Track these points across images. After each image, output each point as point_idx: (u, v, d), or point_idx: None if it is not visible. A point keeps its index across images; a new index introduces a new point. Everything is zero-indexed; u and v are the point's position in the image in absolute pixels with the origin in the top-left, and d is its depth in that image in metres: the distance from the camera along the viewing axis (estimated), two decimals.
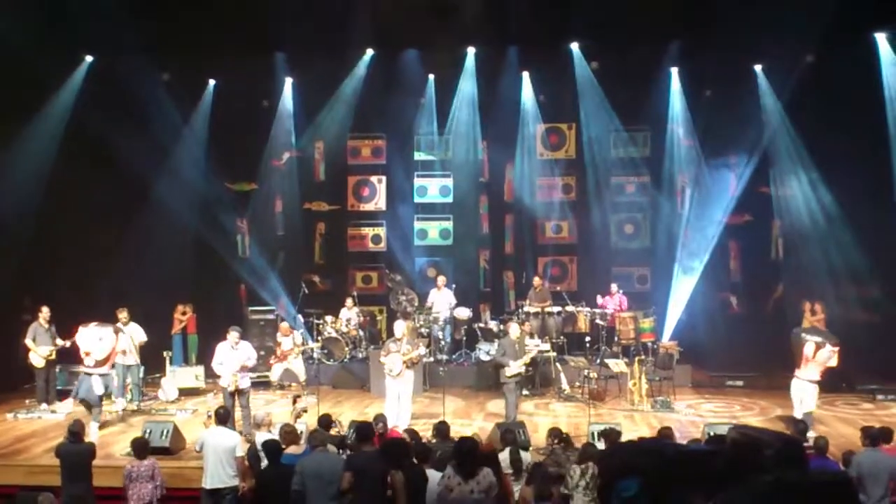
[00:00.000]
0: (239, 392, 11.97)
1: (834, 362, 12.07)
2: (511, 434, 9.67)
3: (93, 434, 11.87)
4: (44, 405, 14.06)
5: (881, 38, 16.17)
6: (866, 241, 16.11)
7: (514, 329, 13.28)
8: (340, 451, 8.97)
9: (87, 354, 12.67)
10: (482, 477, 7.16)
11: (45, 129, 16.27)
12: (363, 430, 8.71)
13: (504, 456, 8.91)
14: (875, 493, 8.35)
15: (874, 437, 8.86)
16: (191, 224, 17.67)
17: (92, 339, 12.73)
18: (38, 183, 15.91)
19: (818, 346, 12.11)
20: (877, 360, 14.92)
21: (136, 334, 13.94)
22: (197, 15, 15.41)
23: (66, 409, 13.64)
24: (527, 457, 9.20)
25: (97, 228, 16.36)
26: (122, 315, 13.75)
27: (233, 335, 12.19)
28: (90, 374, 12.54)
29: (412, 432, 10.20)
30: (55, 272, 16.15)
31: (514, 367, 12.60)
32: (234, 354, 12.05)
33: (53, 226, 16.19)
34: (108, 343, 12.78)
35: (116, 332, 13.05)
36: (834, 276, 16.43)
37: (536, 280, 17.31)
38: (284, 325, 15.95)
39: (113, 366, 13.12)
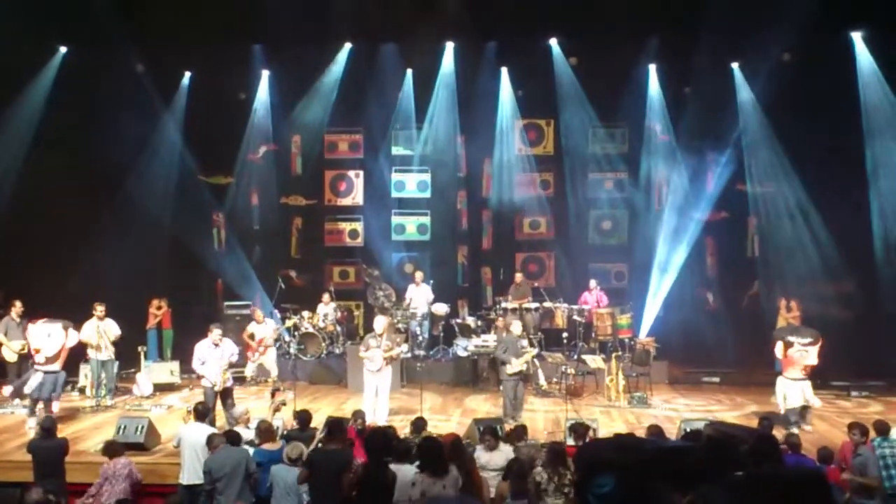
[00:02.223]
0: (224, 391, 11.76)
1: (811, 360, 12.13)
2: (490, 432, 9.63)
3: (31, 431, 11.70)
4: (16, 400, 13.89)
5: (857, 38, 16.32)
6: (841, 237, 16.28)
7: (516, 326, 13.20)
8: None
9: (38, 351, 12.50)
10: (452, 474, 7.15)
11: (17, 121, 16.10)
12: (333, 426, 8.69)
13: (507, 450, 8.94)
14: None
15: (866, 431, 9.02)
16: (166, 217, 17.52)
17: (41, 335, 12.56)
18: (11, 175, 15.74)
19: (787, 346, 12.23)
20: (852, 357, 15.04)
21: (110, 329, 13.76)
22: (172, 6, 15.29)
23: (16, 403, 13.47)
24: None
25: (71, 221, 16.18)
26: (100, 309, 13.51)
27: (215, 333, 11.89)
28: (39, 372, 12.43)
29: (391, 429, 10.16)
30: (28, 266, 15.95)
31: (515, 365, 12.63)
32: (216, 352, 11.76)
33: (27, 219, 16.00)
34: (58, 340, 12.58)
35: (66, 328, 12.76)
36: (809, 273, 16.57)
37: (518, 276, 17.31)
38: (259, 312, 15.83)
39: (65, 364, 12.87)
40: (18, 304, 14.00)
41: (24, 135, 16.03)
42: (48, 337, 12.56)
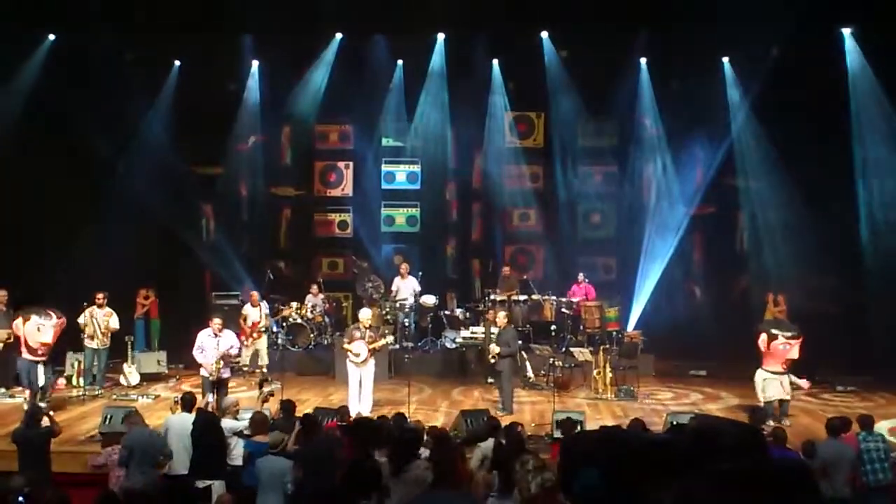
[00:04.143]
0: (219, 382, 11.79)
1: (793, 354, 12.19)
2: (491, 426, 9.57)
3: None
4: (2, 389, 13.84)
5: (847, 34, 16.34)
6: (829, 232, 16.31)
7: (500, 318, 13.39)
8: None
9: (44, 344, 12.64)
10: (413, 468, 7.11)
11: (4, 109, 15.96)
12: (307, 423, 8.77)
13: (488, 447, 8.88)
14: (838, 481, 8.51)
15: (835, 427, 9.04)
16: (154, 207, 17.37)
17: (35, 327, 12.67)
18: None
19: (771, 338, 12.28)
20: (837, 351, 15.10)
21: (108, 320, 13.81)
22: None
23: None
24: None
25: (59, 211, 16.10)
26: (98, 297, 13.68)
27: (216, 322, 11.96)
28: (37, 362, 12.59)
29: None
30: (16, 256, 15.85)
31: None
32: (215, 342, 11.80)
33: (14, 208, 15.91)
34: (50, 331, 12.72)
35: (56, 317, 12.88)
36: (796, 268, 16.61)
37: (506, 269, 17.33)
38: (255, 294, 15.78)
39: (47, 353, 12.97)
40: (3, 293, 13.93)
41: (10, 122, 15.90)
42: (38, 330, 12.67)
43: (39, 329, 12.65)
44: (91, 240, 15.92)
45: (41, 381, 12.57)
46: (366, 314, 12.98)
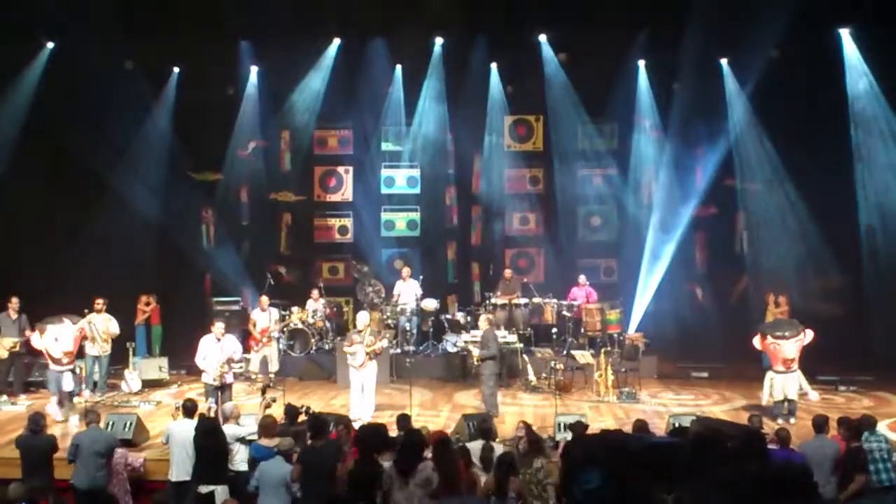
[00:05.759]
0: (223, 387, 11.79)
1: (786, 353, 12.17)
2: (482, 428, 9.61)
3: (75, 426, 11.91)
4: (4, 397, 13.84)
5: (845, 34, 16.35)
6: (829, 233, 16.33)
7: (481, 321, 13.42)
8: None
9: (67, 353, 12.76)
10: (419, 470, 7.13)
11: (4, 116, 15.98)
12: (315, 427, 8.78)
13: (476, 447, 8.91)
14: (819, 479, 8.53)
15: (819, 424, 9.17)
16: (155, 214, 17.43)
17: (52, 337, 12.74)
18: None
19: (762, 338, 12.32)
20: (840, 352, 15.10)
21: (108, 325, 13.87)
22: (161, 1, 15.19)
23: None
24: (497, 448, 9.19)
25: (60, 218, 16.11)
26: (98, 303, 13.72)
27: (217, 328, 11.96)
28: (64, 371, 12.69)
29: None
30: (16, 263, 15.87)
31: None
32: (218, 347, 11.79)
33: (14, 216, 15.92)
34: (69, 338, 12.76)
35: (72, 322, 12.96)
36: (797, 269, 16.62)
37: (507, 272, 17.32)
38: (264, 299, 15.76)
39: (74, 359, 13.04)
40: (15, 300, 14.00)
41: (11, 130, 15.92)
42: (55, 341, 12.75)
43: (57, 339, 12.74)
44: (92, 246, 15.95)
45: (70, 388, 12.68)
46: (362, 318, 12.98)
